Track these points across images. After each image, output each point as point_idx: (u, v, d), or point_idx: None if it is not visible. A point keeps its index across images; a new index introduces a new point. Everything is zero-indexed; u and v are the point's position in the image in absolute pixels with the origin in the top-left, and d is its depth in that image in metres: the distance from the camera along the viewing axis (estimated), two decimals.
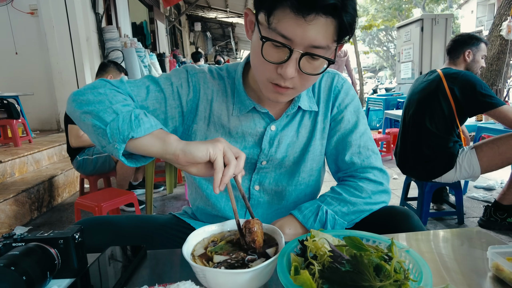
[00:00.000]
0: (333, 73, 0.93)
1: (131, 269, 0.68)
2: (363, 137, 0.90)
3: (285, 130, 0.89)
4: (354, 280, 0.44)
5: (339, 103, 0.91)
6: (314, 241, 0.52)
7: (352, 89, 0.94)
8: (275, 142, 0.89)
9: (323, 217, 0.79)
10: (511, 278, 0.57)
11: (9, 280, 0.53)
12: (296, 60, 0.67)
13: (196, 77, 0.88)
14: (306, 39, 0.65)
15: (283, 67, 0.68)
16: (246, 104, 0.85)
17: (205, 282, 0.55)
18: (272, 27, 0.66)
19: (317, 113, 0.90)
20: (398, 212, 0.84)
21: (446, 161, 2.10)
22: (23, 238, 0.65)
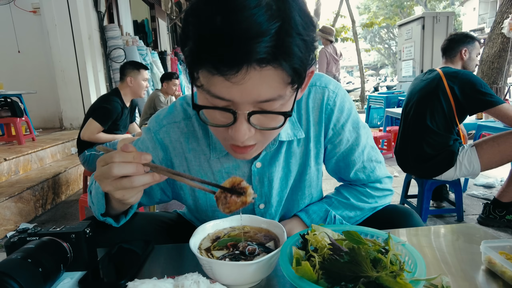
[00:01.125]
0: (321, 87, 0.79)
1: (139, 263, 0.71)
2: (365, 150, 0.84)
3: (273, 166, 0.80)
4: (352, 271, 0.47)
5: (334, 124, 0.80)
6: (315, 235, 0.54)
7: (347, 99, 0.82)
8: (266, 181, 0.81)
9: (331, 222, 0.83)
10: (502, 271, 0.60)
11: (26, 271, 0.56)
12: (246, 119, 0.56)
13: (159, 135, 0.81)
14: (246, 97, 0.53)
15: (233, 130, 0.57)
16: (221, 146, 0.77)
17: (211, 274, 0.58)
18: (204, 88, 0.55)
19: (307, 139, 0.81)
20: (400, 211, 0.87)
21: (447, 159, 2.12)
22: (37, 232, 0.69)
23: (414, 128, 2.23)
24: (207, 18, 0.50)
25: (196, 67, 0.53)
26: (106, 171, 0.58)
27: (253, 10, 0.48)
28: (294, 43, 0.51)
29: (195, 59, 0.53)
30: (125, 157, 0.58)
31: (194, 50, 0.52)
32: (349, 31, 13.02)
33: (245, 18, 0.48)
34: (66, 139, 4.12)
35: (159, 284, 0.52)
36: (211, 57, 0.50)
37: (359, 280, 0.46)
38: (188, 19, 0.54)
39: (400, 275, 0.47)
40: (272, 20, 0.49)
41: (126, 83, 2.84)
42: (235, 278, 0.57)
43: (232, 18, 0.48)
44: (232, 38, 0.48)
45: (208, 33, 0.50)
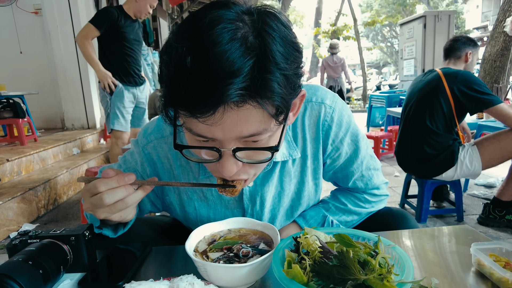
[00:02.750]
0: (318, 103, 0.76)
1: (137, 264, 0.73)
2: (364, 161, 0.83)
3: (266, 185, 0.78)
4: (341, 274, 0.48)
5: (333, 139, 0.78)
6: (306, 238, 0.56)
7: (345, 112, 0.78)
8: (258, 200, 0.79)
9: (329, 226, 0.85)
10: (490, 273, 0.61)
11: (27, 273, 0.58)
12: (231, 155, 0.54)
13: (146, 150, 0.79)
14: (229, 135, 0.51)
15: (220, 166, 0.55)
16: None
17: (206, 276, 0.59)
18: (186, 126, 0.53)
19: (304, 157, 0.79)
20: (394, 214, 0.89)
21: (447, 159, 2.13)
22: (37, 235, 0.70)
23: (413, 128, 2.24)
24: (177, 59, 0.47)
25: (171, 107, 0.52)
26: (98, 202, 0.58)
27: (227, 45, 0.45)
28: (273, 79, 0.48)
29: (167, 103, 0.51)
30: (110, 183, 0.57)
31: (166, 94, 0.50)
32: (351, 30, 12.99)
33: (216, 57, 0.45)
34: (68, 139, 4.15)
35: (155, 286, 0.54)
36: (183, 103, 0.48)
37: (347, 282, 0.48)
38: (162, 56, 0.52)
39: (387, 277, 0.48)
40: (247, 56, 0.46)
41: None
42: (229, 280, 0.58)
43: (203, 57, 0.46)
44: (202, 81, 0.45)
45: (178, 77, 0.47)
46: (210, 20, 0.47)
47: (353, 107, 11.16)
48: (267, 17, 0.50)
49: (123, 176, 0.58)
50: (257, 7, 0.53)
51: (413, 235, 0.82)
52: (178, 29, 0.51)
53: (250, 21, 0.49)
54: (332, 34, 13.87)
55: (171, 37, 0.51)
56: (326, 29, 14.38)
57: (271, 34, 0.48)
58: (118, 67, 2.92)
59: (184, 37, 0.48)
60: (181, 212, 0.85)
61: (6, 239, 2.42)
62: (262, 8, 0.52)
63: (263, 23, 0.49)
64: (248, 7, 0.52)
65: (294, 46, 0.51)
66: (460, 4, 25.34)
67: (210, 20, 0.47)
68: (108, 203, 0.58)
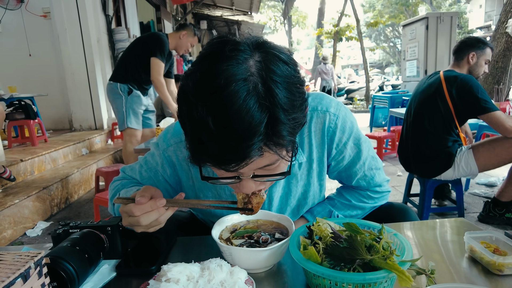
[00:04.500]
0: (323, 111, 0.83)
1: (166, 252, 0.81)
2: (366, 162, 0.90)
3: (274, 186, 0.86)
4: (350, 255, 0.57)
5: (337, 144, 0.86)
6: (319, 226, 0.64)
7: (347, 119, 0.86)
8: (266, 200, 0.87)
9: None
10: (481, 257, 0.69)
11: (77, 256, 0.66)
12: (250, 179, 0.62)
13: (167, 153, 0.88)
14: (248, 171, 0.59)
15: (240, 186, 0.63)
16: None
17: (231, 259, 0.68)
18: (208, 165, 0.59)
19: (310, 160, 0.86)
20: (396, 208, 0.97)
21: (445, 160, 2.19)
22: (78, 225, 0.79)
23: (413, 129, 2.31)
24: (200, 118, 0.51)
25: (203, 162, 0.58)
26: (135, 223, 0.66)
27: (244, 102, 0.50)
28: (284, 129, 0.53)
29: (195, 159, 0.57)
30: (144, 209, 0.65)
31: (193, 150, 0.57)
32: (354, 30, 13.04)
33: (237, 115, 0.50)
34: (77, 140, 4.25)
35: (189, 266, 0.62)
36: (209, 160, 0.55)
37: (355, 262, 0.56)
38: (181, 106, 0.57)
39: (390, 258, 0.57)
40: (263, 109, 0.51)
41: (179, 35, 3.07)
42: (252, 263, 0.66)
43: (225, 117, 0.50)
44: (227, 142, 0.51)
45: (203, 136, 0.52)
46: (225, 77, 0.51)
47: (356, 107, 11.21)
48: (270, 63, 0.54)
49: (155, 201, 0.66)
50: (258, 46, 0.56)
51: (413, 226, 0.90)
52: (195, 80, 0.54)
53: (256, 70, 0.53)
54: (335, 35, 13.92)
55: (189, 89, 0.54)
56: (328, 29, 14.44)
57: (277, 82, 0.53)
58: (137, 77, 3.06)
59: (202, 95, 0.52)
60: (197, 209, 0.93)
61: (22, 236, 2.52)
62: (264, 50, 0.55)
63: (268, 71, 0.53)
64: (250, 49, 0.55)
65: (297, 82, 0.56)
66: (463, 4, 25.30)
67: (225, 77, 0.51)
68: (144, 224, 0.66)
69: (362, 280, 0.55)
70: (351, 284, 0.56)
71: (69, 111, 5.26)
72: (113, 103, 3.16)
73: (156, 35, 3.00)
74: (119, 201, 0.69)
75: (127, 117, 3.09)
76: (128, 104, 3.08)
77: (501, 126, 1.99)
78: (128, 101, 3.07)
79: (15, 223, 2.50)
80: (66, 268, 0.62)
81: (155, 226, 0.69)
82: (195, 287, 0.59)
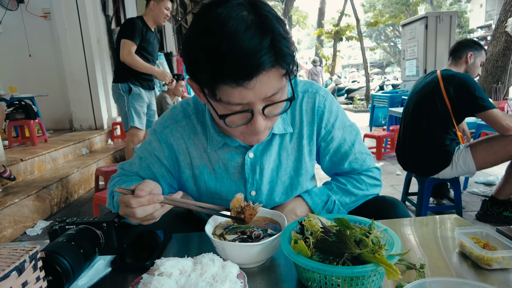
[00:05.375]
0: (313, 93, 0.92)
1: (160, 248, 0.82)
2: (355, 144, 0.95)
3: (265, 156, 0.90)
4: (339, 248, 0.58)
5: (326, 124, 0.92)
6: (310, 221, 0.65)
7: (334, 102, 0.94)
8: (257, 169, 0.91)
9: (331, 206, 0.93)
10: (470, 252, 0.70)
11: (72, 251, 0.67)
12: (261, 113, 0.69)
13: (163, 134, 0.93)
14: (258, 96, 0.66)
15: (252, 125, 0.71)
16: (218, 140, 0.88)
17: (224, 254, 0.69)
18: (224, 101, 0.66)
19: (300, 136, 0.92)
20: (387, 201, 0.98)
21: (442, 159, 2.20)
22: (74, 222, 0.80)
23: (411, 128, 2.32)
24: (213, 47, 0.61)
25: (216, 85, 0.65)
26: (131, 214, 0.69)
27: (246, 32, 0.61)
28: (284, 45, 0.64)
29: (216, 79, 0.64)
30: (141, 202, 0.68)
31: (215, 71, 0.63)
32: (354, 30, 13.04)
33: (243, 40, 0.60)
34: (76, 140, 4.26)
35: (181, 261, 0.64)
36: (231, 75, 0.62)
37: (344, 255, 0.57)
38: (189, 55, 0.67)
39: (378, 251, 0.57)
40: (264, 34, 0.62)
41: (150, 7, 3.01)
42: (244, 258, 0.68)
43: (235, 40, 0.60)
44: (243, 57, 0.61)
45: (223, 57, 0.61)
46: (223, 16, 0.62)
47: (356, 107, 11.21)
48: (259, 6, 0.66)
49: (153, 196, 0.69)
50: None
51: (406, 222, 0.91)
52: (197, 28, 0.65)
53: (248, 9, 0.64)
54: (335, 35, 13.92)
55: (193, 33, 0.65)
56: (329, 29, 14.44)
57: (269, 17, 0.65)
58: (134, 72, 3.05)
59: (207, 33, 0.62)
60: (194, 186, 0.97)
61: (22, 235, 2.53)
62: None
63: (259, 9, 0.65)
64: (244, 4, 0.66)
65: (283, 21, 0.69)
66: (463, 3, 25.28)
67: (223, 16, 0.62)
68: (139, 216, 0.69)
69: (350, 273, 0.56)
70: (340, 277, 0.57)
71: (69, 111, 5.28)
72: (118, 105, 3.19)
73: (124, 22, 3.02)
74: (119, 190, 0.71)
75: (129, 116, 3.11)
76: (130, 103, 3.09)
77: (498, 124, 2.00)
78: (130, 100, 3.09)
79: (15, 222, 2.52)
80: (61, 262, 0.64)
81: (149, 220, 0.72)
82: (188, 281, 0.60)
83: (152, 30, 3.09)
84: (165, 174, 0.95)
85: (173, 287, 0.58)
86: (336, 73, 15.13)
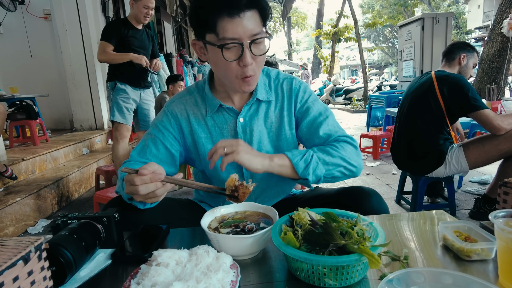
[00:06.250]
0: (291, 78, 1.14)
1: (159, 241, 0.86)
2: (329, 118, 1.08)
3: (253, 121, 1.08)
4: (325, 239, 0.61)
5: (301, 99, 1.11)
6: (299, 214, 0.69)
7: (308, 87, 1.14)
8: (248, 131, 1.08)
9: (308, 158, 0.93)
10: (452, 244, 0.74)
11: (74, 244, 0.71)
12: (248, 49, 0.89)
13: (170, 107, 1.10)
14: (246, 32, 0.87)
15: (242, 59, 0.90)
16: (214, 103, 1.06)
17: (218, 247, 0.73)
18: (221, 37, 0.88)
19: (282, 108, 1.10)
20: (364, 192, 1.00)
21: (436, 158, 2.24)
22: (76, 216, 0.84)
23: (406, 127, 2.36)
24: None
25: (217, 19, 0.86)
26: (135, 191, 0.78)
27: None
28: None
29: (216, 12, 0.86)
30: (144, 179, 0.77)
31: (215, 6, 0.86)
32: (352, 31, 13.09)
33: None
34: (77, 140, 4.30)
35: (178, 252, 0.67)
36: (225, 6, 0.85)
37: (329, 246, 0.61)
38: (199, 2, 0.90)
39: (362, 243, 0.61)
40: None
41: (131, 5, 3.04)
42: (237, 249, 0.71)
43: None
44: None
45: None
46: None
47: (354, 107, 11.25)
48: None
49: (155, 175, 0.78)
50: None
51: (393, 218, 0.95)
52: None
53: None
54: (333, 36, 13.97)
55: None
56: (327, 30, 14.48)
57: None
58: (124, 70, 3.07)
59: None
60: (194, 151, 1.10)
61: (24, 233, 2.57)
62: None
63: None
64: None
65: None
66: (461, 4, 25.36)
67: None
68: (142, 193, 0.78)
69: (335, 262, 0.60)
70: (326, 266, 0.60)
71: (70, 111, 5.31)
72: (108, 102, 3.22)
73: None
74: (125, 170, 0.79)
75: (111, 110, 3.10)
76: (113, 98, 3.09)
77: (489, 124, 2.04)
78: (113, 95, 3.10)
79: (16, 220, 2.55)
80: (64, 254, 0.67)
81: (152, 198, 0.80)
82: (183, 270, 0.63)
83: (138, 28, 3.11)
84: (173, 143, 1.08)
85: (170, 276, 0.62)
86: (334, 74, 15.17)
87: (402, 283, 0.57)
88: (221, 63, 0.92)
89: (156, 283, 0.60)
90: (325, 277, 0.61)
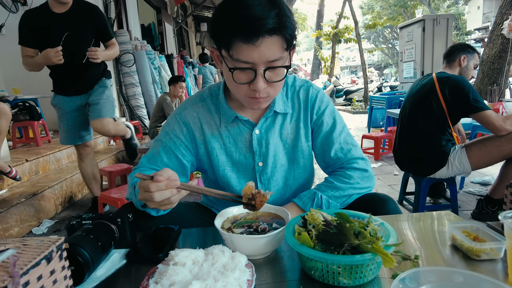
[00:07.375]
0: (307, 85, 1.10)
1: (172, 242, 0.88)
2: (342, 134, 1.07)
3: (269, 133, 1.06)
4: (339, 239, 0.63)
5: (317, 110, 1.08)
6: (312, 215, 0.71)
7: (325, 96, 1.12)
8: (263, 143, 1.06)
9: (319, 201, 0.98)
10: (461, 244, 0.76)
11: (91, 244, 0.73)
12: (262, 75, 0.85)
13: (183, 115, 1.07)
14: (262, 58, 0.82)
15: (254, 84, 0.86)
16: (230, 114, 1.03)
17: (232, 246, 0.74)
18: (234, 58, 0.83)
19: (298, 119, 1.08)
20: (380, 198, 1.02)
21: (439, 159, 2.26)
22: (90, 217, 0.85)
23: (408, 129, 2.38)
24: (233, 14, 0.81)
25: (232, 41, 0.81)
26: (149, 198, 0.76)
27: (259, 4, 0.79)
28: (287, 20, 0.82)
29: (232, 35, 0.81)
30: (159, 186, 0.75)
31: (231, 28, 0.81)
32: (352, 32, 13.12)
33: (254, 9, 0.79)
34: None
35: (194, 252, 0.69)
36: (243, 32, 0.79)
37: (344, 246, 0.62)
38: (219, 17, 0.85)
39: (375, 242, 0.63)
40: (272, 8, 0.80)
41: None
42: (251, 249, 0.73)
43: (247, 11, 0.79)
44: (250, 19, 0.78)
45: (238, 20, 0.79)
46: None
47: (354, 108, 11.28)
48: None
49: (171, 181, 0.76)
50: None
51: (403, 218, 0.96)
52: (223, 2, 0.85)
53: None
54: (334, 37, 14.01)
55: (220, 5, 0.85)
56: (327, 31, 14.52)
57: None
58: (53, 77, 2.62)
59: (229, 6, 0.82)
60: (207, 161, 1.09)
61: (28, 234, 2.58)
62: None
63: None
64: None
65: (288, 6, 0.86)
66: (461, 6, 25.43)
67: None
68: (157, 200, 0.76)
69: (350, 261, 0.61)
70: (341, 265, 0.62)
71: None
72: None
73: None
74: (139, 176, 0.78)
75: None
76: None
77: (491, 124, 2.06)
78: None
79: (21, 221, 2.56)
80: (82, 253, 0.69)
81: (166, 205, 0.79)
82: (200, 270, 0.65)
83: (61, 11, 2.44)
84: (185, 153, 1.06)
85: (187, 275, 0.63)
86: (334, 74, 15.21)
87: (414, 282, 0.59)
88: (231, 81, 0.89)
89: (174, 282, 0.61)
90: (339, 275, 0.63)
